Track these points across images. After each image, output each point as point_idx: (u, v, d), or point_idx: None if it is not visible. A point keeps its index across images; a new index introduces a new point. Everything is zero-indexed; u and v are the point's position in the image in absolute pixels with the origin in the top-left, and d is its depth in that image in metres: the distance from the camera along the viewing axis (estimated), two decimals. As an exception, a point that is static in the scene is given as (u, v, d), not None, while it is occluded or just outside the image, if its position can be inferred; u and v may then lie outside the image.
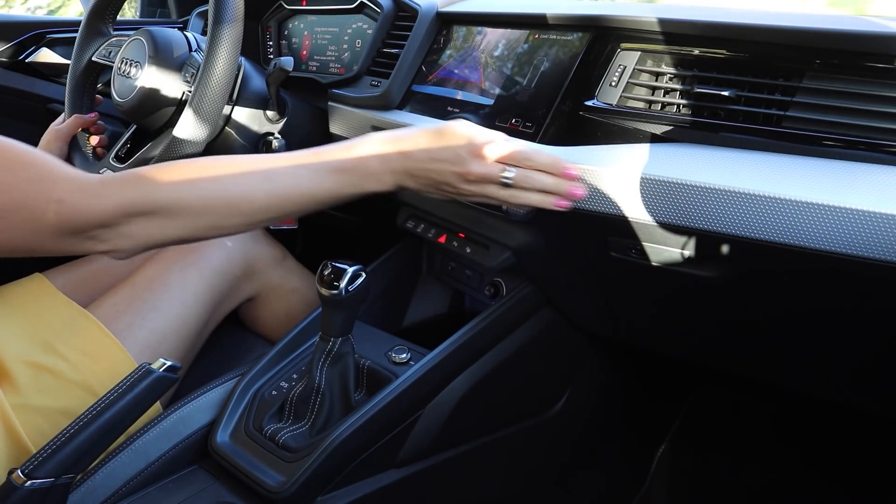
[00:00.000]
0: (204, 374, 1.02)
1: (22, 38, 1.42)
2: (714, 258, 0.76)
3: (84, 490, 0.80)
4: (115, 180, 0.73)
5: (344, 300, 0.83)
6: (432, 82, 1.05)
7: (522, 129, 0.89)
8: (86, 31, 1.17)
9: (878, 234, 0.62)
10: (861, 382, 0.87)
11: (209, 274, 1.03)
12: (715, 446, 1.30)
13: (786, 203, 0.66)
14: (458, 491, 1.01)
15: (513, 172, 0.75)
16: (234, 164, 0.76)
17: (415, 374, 0.88)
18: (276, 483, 0.80)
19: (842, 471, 1.20)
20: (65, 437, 0.70)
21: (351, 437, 0.82)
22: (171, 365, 0.78)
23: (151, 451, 0.84)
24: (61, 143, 1.13)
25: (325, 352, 0.87)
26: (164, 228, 0.73)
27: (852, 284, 0.70)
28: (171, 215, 0.73)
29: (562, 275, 0.97)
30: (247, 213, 0.76)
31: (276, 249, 1.15)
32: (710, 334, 0.95)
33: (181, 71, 1.06)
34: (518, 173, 0.75)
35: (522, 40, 0.95)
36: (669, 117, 0.78)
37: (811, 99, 0.70)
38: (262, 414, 0.90)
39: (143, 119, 1.08)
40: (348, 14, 1.21)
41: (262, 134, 1.12)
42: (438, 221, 1.07)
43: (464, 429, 0.97)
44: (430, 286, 1.18)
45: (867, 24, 0.68)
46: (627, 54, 0.83)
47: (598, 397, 1.18)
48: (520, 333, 0.98)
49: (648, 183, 0.75)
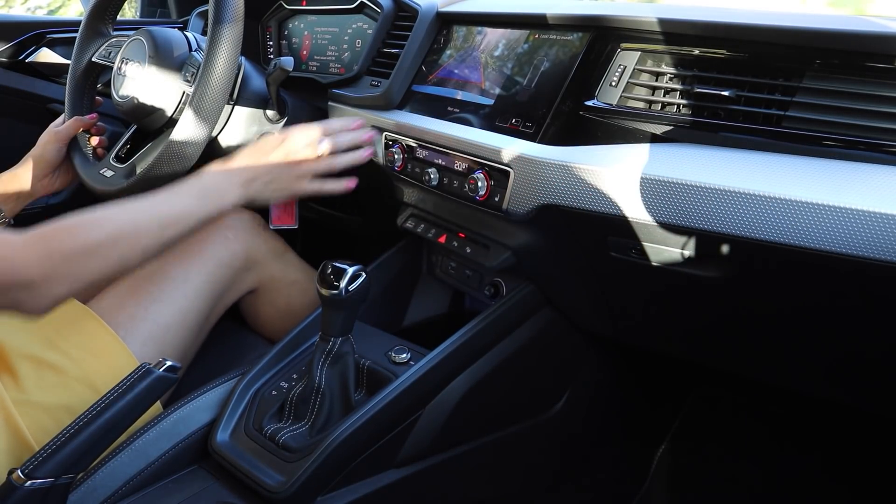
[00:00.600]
0: (204, 373, 1.02)
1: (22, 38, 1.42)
2: (714, 258, 0.76)
3: (84, 490, 0.80)
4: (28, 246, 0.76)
5: (344, 300, 0.83)
6: (432, 82, 1.05)
7: (522, 128, 0.89)
8: (86, 31, 1.17)
9: (878, 234, 0.62)
10: (861, 382, 0.87)
11: (210, 266, 1.04)
12: (715, 446, 1.30)
13: (786, 203, 0.66)
14: (458, 491, 1.01)
15: (325, 143, 0.96)
16: (122, 207, 0.86)
17: (415, 374, 0.88)
18: (276, 483, 0.80)
19: (842, 471, 1.20)
20: (65, 437, 0.70)
21: (351, 437, 0.82)
22: (171, 365, 0.78)
23: (151, 451, 0.84)
24: (60, 145, 1.14)
25: (325, 352, 0.87)
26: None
27: (852, 284, 0.70)
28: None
29: (562, 275, 0.97)
30: (138, 245, 0.84)
31: (276, 242, 1.15)
32: (709, 334, 0.95)
33: (181, 71, 1.06)
34: (326, 143, 0.96)
35: (522, 40, 0.95)
36: (669, 117, 0.78)
37: (811, 99, 0.70)
38: (262, 414, 0.90)
39: (143, 119, 1.08)
40: (348, 14, 1.21)
41: (262, 134, 1.12)
42: (438, 221, 1.07)
43: (464, 429, 0.97)
44: (430, 286, 1.18)
45: (867, 24, 0.68)
46: (627, 54, 0.83)
47: (597, 397, 1.18)
48: (520, 333, 0.98)
49: (648, 183, 0.75)
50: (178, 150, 0.94)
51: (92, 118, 1.16)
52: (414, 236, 1.13)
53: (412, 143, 1.01)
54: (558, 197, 0.83)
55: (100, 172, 1.09)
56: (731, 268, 0.76)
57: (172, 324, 0.98)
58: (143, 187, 0.98)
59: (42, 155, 1.13)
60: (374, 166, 1.10)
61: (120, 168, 1.07)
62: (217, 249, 1.06)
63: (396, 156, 1.03)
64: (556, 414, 1.09)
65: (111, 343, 0.92)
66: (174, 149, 0.94)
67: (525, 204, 0.87)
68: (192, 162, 0.96)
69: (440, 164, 0.97)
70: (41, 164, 1.12)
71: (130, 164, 1.06)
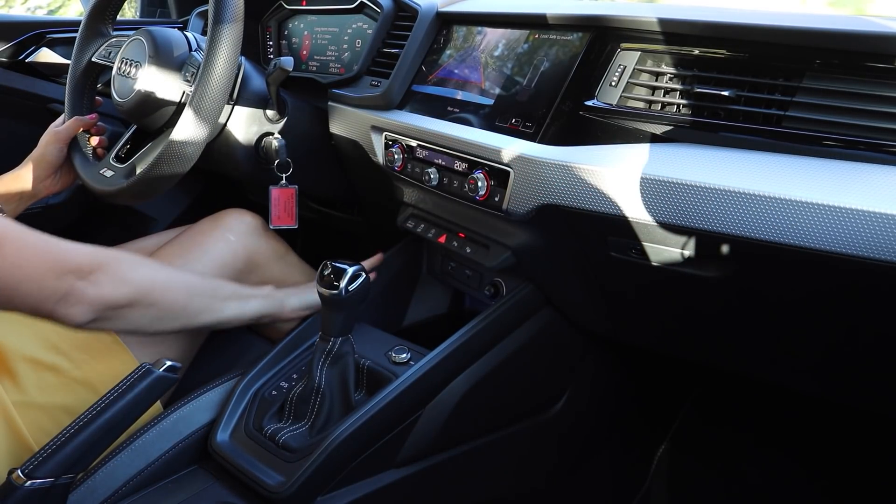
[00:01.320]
0: (204, 374, 1.02)
1: (22, 38, 1.41)
2: (714, 258, 0.76)
3: (84, 490, 0.80)
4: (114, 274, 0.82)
5: (344, 300, 0.83)
6: (432, 82, 1.05)
7: (522, 128, 0.89)
8: (86, 31, 1.17)
9: (878, 234, 0.62)
10: (860, 382, 0.87)
11: (212, 268, 1.04)
12: (715, 446, 1.30)
13: (786, 203, 0.66)
14: (458, 491, 1.01)
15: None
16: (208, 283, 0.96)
17: (415, 374, 0.88)
18: (276, 483, 0.80)
19: (842, 471, 1.20)
20: (64, 438, 0.70)
21: (351, 437, 0.82)
22: (171, 365, 0.78)
23: (151, 451, 0.84)
24: (60, 145, 1.14)
25: (325, 352, 0.87)
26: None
27: (852, 285, 0.70)
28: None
29: (562, 275, 0.97)
30: (196, 323, 0.92)
31: (278, 244, 1.15)
32: (709, 334, 0.95)
33: (181, 71, 1.06)
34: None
35: (522, 40, 0.95)
36: (669, 117, 0.78)
37: (811, 99, 0.70)
38: (262, 414, 0.90)
39: (143, 119, 1.08)
40: (348, 14, 1.21)
41: (262, 134, 1.12)
42: (438, 221, 1.07)
43: (463, 429, 0.97)
44: (430, 286, 1.18)
45: (867, 24, 0.68)
46: (627, 54, 0.83)
47: (597, 397, 1.18)
48: (520, 333, 0.98)
49: (648, 183, 0.75)
50: (178, 151, 0.94)
51: (92, 118, 1.16)
52: (414, 236, 1.13)
53: (412, 143, 1.01)
54: (558, 197, 0.83)
55: (99, 172, 1.09)
56: (730, 268, 0.76)
57: None
58: (143, 187, 0.98)
59: (43, 156, 1.13)
60: (374, 166, 1.10)
61: (120, 168, 1.07)
62: (218, 251, 1.06)
63: (396, 156, 1.03)
64: (555, 414, 1.09)
65: (111, 344, 0.92)
66: (174, 149, 0.94)
67: (525, 204, 0.87)
68: (193, 162, 0.96)
69: (440, 164, 0.97)
70: (42, 165, 1.13)
71: (130, 165, 1.06)
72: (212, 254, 1.05)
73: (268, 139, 1.11)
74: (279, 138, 1.11)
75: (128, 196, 1.01)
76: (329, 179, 1.25)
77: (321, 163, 1.22)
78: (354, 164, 1.19)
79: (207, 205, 1.33)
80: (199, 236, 1.07)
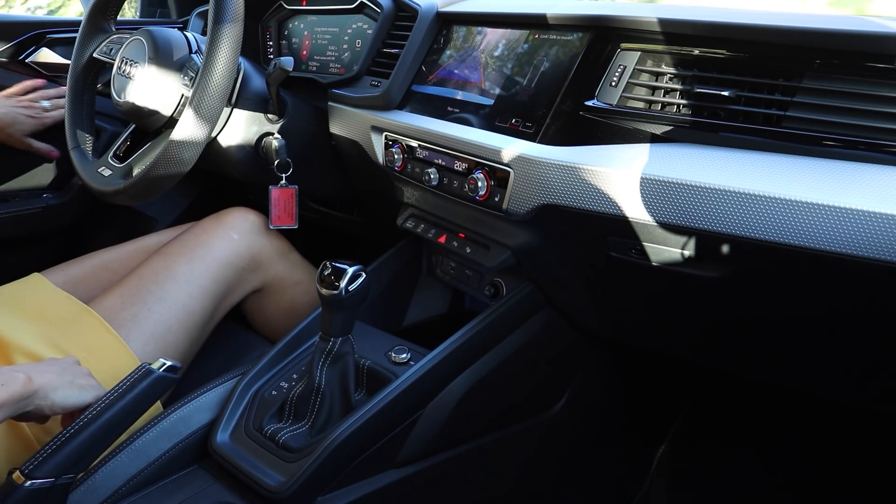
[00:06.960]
0: (204, 373, 1.02)
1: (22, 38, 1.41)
2: (714, 258, 0.76)
3: (84, 490, 0.80)
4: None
5: (344, 300, 0.83)
6: (432, 82, 1.05)
7: (522, 128, 0.89)
8: (87, 27, 1.17)
9: (878, 234, 0.62)
10: (860, 382, 0.87)
11: (215, 266, 1.04)
12: (715, 447, 1.30)
13: (786, 203, 0.66)
14: (458, 491, 1.01)
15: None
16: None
17: (415, 374, 0.88)
18: (276, 483, 0.80)
19: (842, 471, 1.20)
20: (65, 437, 0.70)
21: (351, 437, 0.82)
22: (172, 365, 0.78)
23: (151, 451, 0.84)
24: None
25: (325, 352, 0.87)
26: None
27: (852, 284, 0.70)
28: None
29: (562, 275, 0.97)
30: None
31: (281, 242, 1.15)
32: (709, 334, 0.95)
33: (181, 71, 1.05)
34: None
35: (522, 40, 0.95)
36: (669, 117, 0.78)
37: (811, 99, 0.70)
38: (262, 414, 0.90)
39: (143, 119, 1.08)
40: (348, 14, 1.21)
41: (262, 134, 1.12)
42: (438, 221, 1.07)
43: (464, 429, 0.97)
44: (430, 286, 1.18)
45: (867, 24, 0.68)
46: (627, 54, 0.83)
47: (598, 397, 1.18)
48: (520, 333, 0.98)
49: (648, 183, 0.75)
50: (178, 151, 0.94)
51: (37, 82, 1.32)
52: (414, 236, 1.13)
53: (412, 143, 1.01)
54: (558, 197, 0.83)
55: (98, 171, 1.09)
56: (731, 268, 0.76)
57: (175, 324, 0.98)
58: (142, 188, 0.98)
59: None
60: (374, 166, 1.10)
61: (118, 167, 1.07)
62: (222, 250, 1.06)
63: (396, 156, 1.03)
64: (555, 414, 1.09)
65: (112, 343, 0.92)
66: (173, 149, 0.94)
67: (525, 204, 0.87)
68: (192, 163, 0.96)
69: (440, 164, 0.97)
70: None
71: (128, 164, 1.06)
72: (215, 252, 1.05)
73: (268, 139, 1.11)
74: (279, 138, 1.11)
75: (126, 196, 1.01)
76: (329, 179, 1.25)
77: (321, 163, 1.22)
78: (354, 164, 1.19)
79: (207, 205, 1.34)
80: (203, 234, 1.07)
